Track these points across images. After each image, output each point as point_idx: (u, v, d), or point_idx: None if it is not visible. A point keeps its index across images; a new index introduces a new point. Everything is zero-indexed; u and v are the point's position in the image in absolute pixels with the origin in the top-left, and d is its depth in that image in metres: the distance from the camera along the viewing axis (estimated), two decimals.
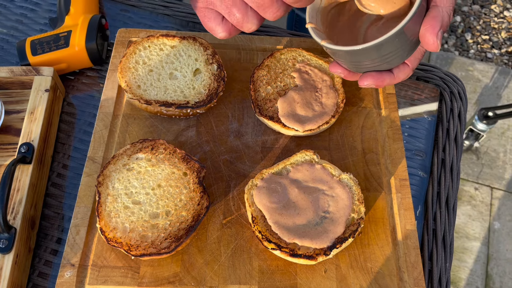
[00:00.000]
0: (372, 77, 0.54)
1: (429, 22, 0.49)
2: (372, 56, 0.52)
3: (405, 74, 0.56)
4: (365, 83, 0.55)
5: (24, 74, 0.69)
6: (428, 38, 0.49)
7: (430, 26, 0.49)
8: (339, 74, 0.58)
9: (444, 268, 0.64)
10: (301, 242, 0.56)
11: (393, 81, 0.55)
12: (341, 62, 0.56)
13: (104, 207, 0.57)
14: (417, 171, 0.70)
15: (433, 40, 0.49)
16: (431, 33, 0.49)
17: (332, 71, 0.58)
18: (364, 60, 0.53)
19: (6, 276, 0.55)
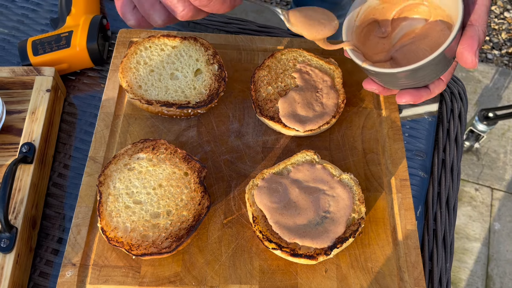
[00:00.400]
0: (410, 94, 0.56)
1: (466, 41, 0.51)
2: (412, 77, 0.54)
3: (440, 89, 0.57)
4: (403, 100, 0.57)
5: (25, 74, 0.69)
6: (467, 57, 0.51)
7: (468, 46, 0.51)
8: (373, 90, 0.60)
9: (444, 268, 0.64)
10: (302, 242, 0.56)
11: (429, 96, 0.57)
12: (378, 80, 0.58)
13: (105, 207, 0.57)
14: (418, 172, 0.71)
15: (472, 59, 0.51)
16: (469, 52, 0.51)
17: (367, 88, 0.60)
18: (404, 79, 0.55)
19: (7, 275, 0.55)
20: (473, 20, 0.52)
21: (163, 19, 0.51)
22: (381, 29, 0.61)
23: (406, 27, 0.61)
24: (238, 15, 2.11)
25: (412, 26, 0.61)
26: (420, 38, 0.59)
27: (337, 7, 1.27)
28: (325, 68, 0.70)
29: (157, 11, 0.50)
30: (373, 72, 0.55)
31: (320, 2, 1.25)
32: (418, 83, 0.56)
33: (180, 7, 0.48)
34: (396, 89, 0.59)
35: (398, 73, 0.53)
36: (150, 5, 0.49)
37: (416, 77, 0.54)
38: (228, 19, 0.82)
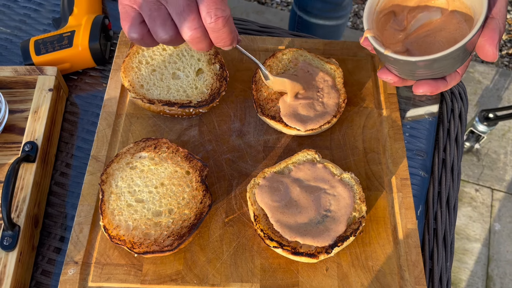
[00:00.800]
0: (428, 85, 0.56)
1: (488, 33, 0.51)
2: (431, 67, 0.54)
3: (456, 81, 0.57)
4: (420, 90, 0.56)
5: (28, 73, 0.70)
6: (488, 49, 0.51)
7: (490, 38, 0.51)
8: (388, 80, 0.60)
9: (444, 267, 0.64)
10: (303, 240, 0.56)
11: (446, 88, 0.57)
12: (396, 69, 0.58)
13: (108, 205, 0.57)
14: (418, 171, 0.71)
15: (493, 51, 0.51)
16: (490, 44, 0.51)
17: (382, 77, 0.60)
18: (423, 69, 0.55)
19: (10, 273, 0.55)
20: (494, 13, 0.52)
21: (170, 36, 0.50)
22: (398, 20, 0.61)
23: (422, 19, 0.61)
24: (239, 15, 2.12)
25: (429, 18, 0.61)
26: (436, 30, 0.58)
27: (338, 8, 1.28)
28: (326, 68, 0.71)
29: (167, 27, 0.49)
30: (395, 60, 0.54)
31: (322, 3, 1.26)
32: (435, 74, 0.56)
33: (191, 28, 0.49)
34: (412, 79, 0.59)
35: (420, 62, 0.52)
36: (162, 22, 0.49)
37: (435, 68, 0.54)
38: None
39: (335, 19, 1.32)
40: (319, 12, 1.29)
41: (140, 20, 0.51)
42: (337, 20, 1.33)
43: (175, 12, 0.48)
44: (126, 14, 0.51)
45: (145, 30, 0.51)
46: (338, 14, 1.30)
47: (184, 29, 0.49)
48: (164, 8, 0.49)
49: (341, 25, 1.36)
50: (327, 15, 1.30)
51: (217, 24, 0.48)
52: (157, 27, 0.49)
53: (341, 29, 1.39)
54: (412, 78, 0.58)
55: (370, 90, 0.72)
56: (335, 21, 1.33)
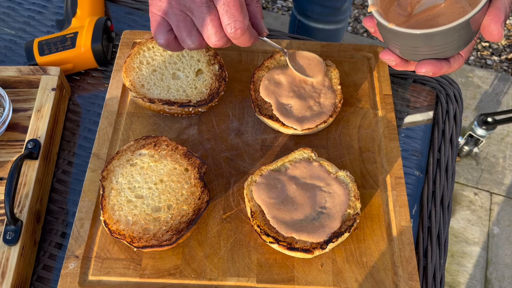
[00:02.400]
0: (431, 64, 0.55)
1: (493, 12, 0.51)
2: (435, 43, 0.52)
3: (459, 64, 0.57)
4: (423, 69, 0.55)
5: (31, 73, 0.71)
6: (493, 28, 0.51)
7: (495, 16, 0.50)
8: (390, 62, 0.58)
9: (438, 264, 0.65)
10: (299, 236, 0.57)
11: (449, 70, 0.56)
12: (399, 47, 0.56)
13: (108, 201, 0.59)
14: (413, 171, 0.72)
15: (498, 30, 0.51)
16: (496, 22, 0.50)
17: (384, 58, 0.58)
18: (426, 47, 0.53)
19: (12, 267, 0.57)
20: None
21: (196, 45, 0.56)
22: (401, 3, 0.60)
23: (426, 3, 0.60)
24: None
25: (433, 3, 0.60)
26: (440, 14, 0.58)
27: (337, 12, 1.29)
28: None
29: (193, 37, 0.55)
30: (398, 34, 0.53)
31: (321, 8, 1.28)
32: (438, 54, 0.55)
33: (215, 38, 0.54)
34: (414, 60, 0.58)
35: (423, 36, 0.51)
36: (188, 32, 0.55)
37: (437, 45, 0.53)
38: None
39: (335, 23, 1.34)
40: (318, 16, 1.31)
41: (168, 28, 0.56)
42: (337, 24, 1.35)
43: (200, 24, 0.54)
44: (155, 21, 0.56)
45: (172, 37, 0.57)
46: (337, 18, 1.32)
47: (210, 40, 0.55)
48: (190, 19, 0.54)
49: (341, 29, 1.38)
50: (327, 20, 1.32)
51: (236, 34, 0.54)
52: (184, 36, 0.55)
53: (341, 33, 1.41)
54: (415, 58, 0.57)
55: (366, 91, 0.74)
56: (334, 25, 1.35)
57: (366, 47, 0.78)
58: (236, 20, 0.53)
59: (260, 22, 0.59)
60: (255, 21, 0.59)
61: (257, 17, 0.58)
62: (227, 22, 0.53)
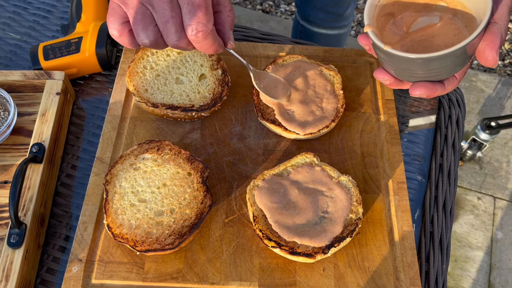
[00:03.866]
0: (426, 87, 0.55)
1: (489, 38, 0.51)
2: (431, 67, 0.53)
3: (453, 86, 0.57)
4: (417, 92, 0.55)
5: (36, 78, 0.72)
6: (488, 53, 0.51)
7: (491, 42, 0.50)
8: (384, 81, 0.59)
9: (440, 269, 0.65)
10: (301, 240, 0.58)
11: (443, 92, 0.56)
12: (394, 69, 0.57)
13: (111, 205, 0.59)
14: (416, 176, 0.72)
15: (493, 56, 0.51)
16: (491, 48, 0.50)
17: (378, 77, 0.59)
18: (421, 70, 0.54)
19: (16, 270, 0.57)
20: (496, 18, 0.51)
21: (151, 41, 0.52)
22: (396, 23, 0.61)
23: (421, 23, 0.60)
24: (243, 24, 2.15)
25: (428, 22, 0.60)
26: (434, 35, 0.58)
27: (340, 18, 1.30)
28: (325, 74, 0.72)
29: (149, 31, 0.52)
30: (394, 57, 0.53)
31: (324, 13, 1.28)
32: (433, 76, 0.55)
33: (174, 37, 0.51)
34: (408, 81, 0.58)
35: (419, 60, 0.51)
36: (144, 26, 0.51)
37: (433, 69, 0.53)
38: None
39: (337, 29, 1.35)
40: (321, 22, 1.31)
41: (124, 19, 0.52)
42: (339, 29, 1.35)
43: (160, 21, 0.51)
44: (112, 10, 0.53)
45: (126, 29, 0.53)
46: (340, 24, 1.32)
47: (168, 39, 0.52)
48: (149, 14, 0.51)
49: (344, 34, 1.38)
50: (329, 25, 1.32)
51: (198, 37, 0.51)
52: (139, 30, 0.52)
53: (344, 38, 1.42)
54: (409, 79, 0.57)
55: (368, 96, 0.74)
56: (337, 30, 1.35)
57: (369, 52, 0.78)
58: (199, 22, 0.50)
59: (227, 32, 0.56)
60: (222, 29, 0.56)
61: (225, 26, 0.56)
62: (189, 23, 0.50)
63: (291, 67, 0.72)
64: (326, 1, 1.24)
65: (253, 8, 2.26)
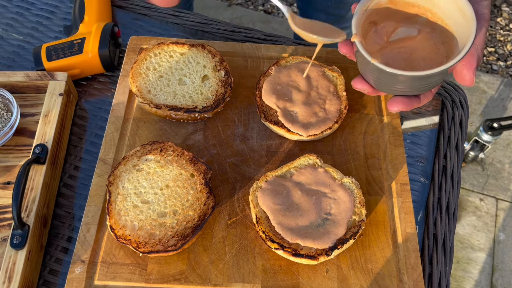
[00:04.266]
0: (403, 103, 0.57)
1: (467, 59, 0.52)
2: (413, 83, 0.55)
3: (428, 100, 0.59)
4: (395, 108, 0.58)
5: (39, 78, 0.72)
6: (465, 74, 0.53)
7: (468, 63, 0.52)
8: (363, 91, 0.61)
9: (444, 271, 0.65)
10: (304, 242, 0.57)
11: (419, 105, 0.59)
12: (374, 80, 0.58)
13: (114, 206, 0.59)
14: (419, 177, 0.72)
15: (470, 77, 0.53)
16: (468, 69, 0.52)
17: (356, 87, 0.60)
18: (402, 85, 0.55)
19: (19, 271, 0.57)
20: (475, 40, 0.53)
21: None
22: (378, 32, 0.62)
23: (400, 33, 0.62)
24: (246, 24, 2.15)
25: (406, 34, 0.62)
26: (413, 48, 0.60)
27: (342, 20, 1.30)
28: (328, 75, 0.72)
29: None
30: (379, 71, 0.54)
31: (326, 15, 1.28)
32: (411, 92, 0.57)
33: None
34: (386, 92, 0.60)
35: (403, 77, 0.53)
36: None
37: (414, 85, 0.55)
38: (235, 28, 0.85)
39: None
40: None
41: None
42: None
43: None
44: None
45: None
46: (342, 25, 1.32)
47: None
48: None
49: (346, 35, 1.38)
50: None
51: None
52: None
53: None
54: (387, 91, 0.59)
55: (371, 97, 0.74)
56: None
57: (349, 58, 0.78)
58: None
59: None
60: None
61: None
62: None
63: (294, 68, 0.72)
64: (328, 3, 1.23)
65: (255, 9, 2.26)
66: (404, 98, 0.57)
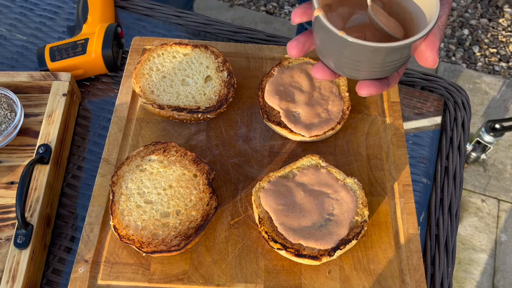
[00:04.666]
0: (373, 86, 0.53)
1: (430, 38, 0.50)
2: (381, 59, 0.50)
3: (395, 82, 0.56)
4: (364, 92, 0.53)
5: (42, 79, 0.72)
6: (428, 55, 0.51)
7: (431, 43, 0.50)
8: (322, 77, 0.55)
9: (446, 272, 0.65)
10: (306, 243, 0.58)
11: (388, 88, 0.55)
12: (336, 61, 0.53)
13: (118, 206, 0.59)
14: (421, 178, 0.72)
15: (433, 57, 0.51)
16: (431, 49, 0.50)
17: (317, 76, 0.55)
18: (371, 61, 0.51)
19: (22, 270, 0.57)
20: None
21: None
22: (333, 18, 0.57)
23: (356, 20, 0.58)
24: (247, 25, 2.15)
25: (362, 21, 0.57)
26: (372, 34, 0.56)
27: None
28: None
29: None
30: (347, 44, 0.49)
31: None
32: (378, 72, 0.52)
33: None
34: (350, 75, 0.54)
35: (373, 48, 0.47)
36: None
37: (381, 63, 0.50)
38: (238, 28, 0.85)
39: None
40: None
41: None
42: None
43: None
44: None
45: None
46: None
47: None
48: None
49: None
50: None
51: None
52: None
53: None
54: (351, 73, 0.53)
55: (373, 98, 0.74)
56: None
57: None
58: None
59: None
60: None
61: None
62: None
63: (297, 69, 0.72)
64: None
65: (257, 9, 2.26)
66: (373, 81, 0.53)
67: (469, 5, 2.32)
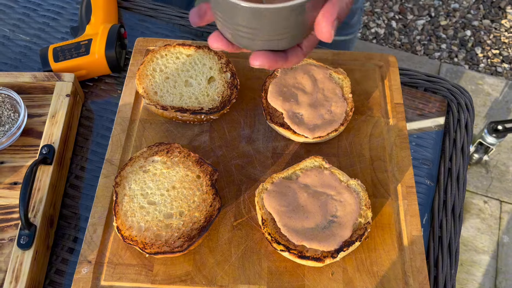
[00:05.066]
0: (267, 57, 0.48)
1: (327, 7, 0.45)
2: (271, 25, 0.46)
3: (297, 58, 0.51)
4: (257, 62, 0.48)
5: (46, 79, 0.72)
6: (323, 25, 0.45)
7: (328, 12, 0.45)
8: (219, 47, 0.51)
9: (449, 274, 0.65)
10: (309, 244, 0.58)
11: (285, 65, 0.50)
12: (232, 30, 0.49)
13: (121, 207, 0.59)
14: (424, 180, 0.72)
15: (327, 29, 0.45)
16: (327, 20, 0.45)
17: (213, 46, 0.51)
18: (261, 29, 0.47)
19: (25, 271, 0.57)
20: None
21: None
22: None
23: None
24: None
25: None
26: None
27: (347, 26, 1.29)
28: (334, 78, 0.72)
29: None
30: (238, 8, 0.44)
31: None
32: (276, 42, 0.48)
33: None
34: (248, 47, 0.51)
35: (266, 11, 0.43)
36: None
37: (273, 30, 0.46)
38: None
39: (344, 35, 1.34)
40: None
41: None
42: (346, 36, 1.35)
43: None
44: None
45: None
46: (347, 31, 1.32)
47: None
48: None
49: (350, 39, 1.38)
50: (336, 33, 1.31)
51: None
52: None
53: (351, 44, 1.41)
54: (248, 43, 0.49)
55: (377, 100, 0.74)
56: (343, 37, 1.35)
57: (377, 55, 0.78)
58: None
59: None
60: None
61: None
62: None
63: (300, 70, 0.72)
64: None
65: None
66: (268, 52, 0.48)
67: (471, 6, 2.32)
